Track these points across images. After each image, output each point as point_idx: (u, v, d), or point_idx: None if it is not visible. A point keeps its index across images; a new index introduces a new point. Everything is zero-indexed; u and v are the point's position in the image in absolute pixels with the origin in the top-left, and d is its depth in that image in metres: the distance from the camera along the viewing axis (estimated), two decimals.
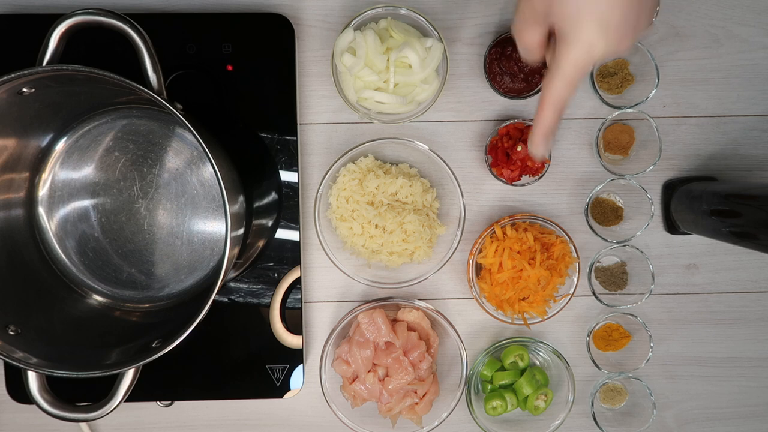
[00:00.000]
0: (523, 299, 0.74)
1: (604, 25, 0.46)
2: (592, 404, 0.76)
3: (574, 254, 0.74)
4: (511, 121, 0.73)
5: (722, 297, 0.79)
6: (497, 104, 0.76)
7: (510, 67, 0.71)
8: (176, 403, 0.77)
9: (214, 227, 0.74)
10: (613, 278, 0.77)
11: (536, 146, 0.54)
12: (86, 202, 0.73)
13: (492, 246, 0.73)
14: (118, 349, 0.66)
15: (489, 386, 0.77)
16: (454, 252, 0.73)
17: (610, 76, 0.74)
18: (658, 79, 0.71)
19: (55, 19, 0.59)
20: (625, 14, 0.46)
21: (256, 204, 0.74)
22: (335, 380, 0.76)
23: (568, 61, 0.48)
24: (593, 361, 0.76)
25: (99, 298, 0.74)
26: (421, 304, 0.75)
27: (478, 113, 0.76)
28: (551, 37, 0.52)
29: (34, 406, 0.62)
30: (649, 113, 0.73)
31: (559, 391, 0.77)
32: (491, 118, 0.76)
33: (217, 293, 0.60)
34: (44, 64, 0.59)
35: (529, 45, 0.52)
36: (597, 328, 0.76)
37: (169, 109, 0.58)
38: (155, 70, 0.60)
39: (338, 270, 0.74)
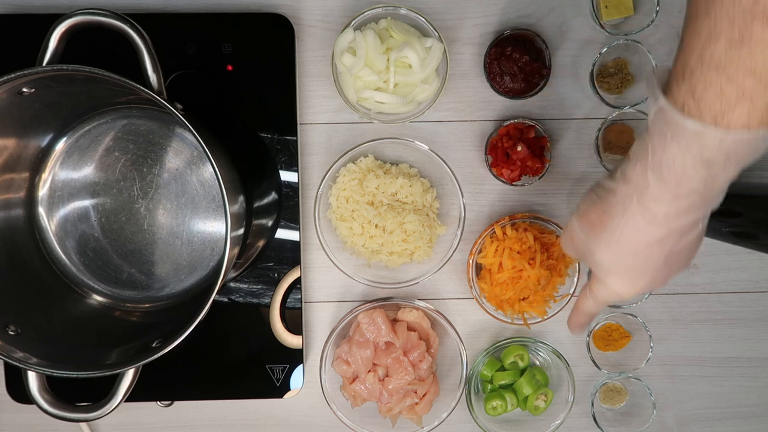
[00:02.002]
0: (523, 299, 0.74)
1: (631, 283, 0.52)
2: (592, 404, 0.76)
3: None
4: (511, 121, 0.73)
5: (722, 297, 0.79)
6: (497, 104, 0.76)
7: (510, 67, 0.71)
8: (176, 403, 0.77)
9: (214, 227, 0.74)
10: None
11: (573, 332, 0.63)
12: (86, 202, 0.73)
13: (492, 246, 0.73)
14: (118, 349, 0.66)
15: (489, 386, 0.77)
16: (454, 252, 0.73)
17: (610, 76, 0.74)
18: None
19: (55, 19, 0.59)
20: (654, 277, 0.51)
21: (256, 204, 0.74)
22: (335, 380, 0.76)
23: (599, 294, 0.54)
24: (593, 361, 0.76)
25: (99, 298, 0.74)
26: (421, 304, 0.75)
27: (478, 113, 0.76)
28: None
29: (34, 406, 0.62)
30: None
31: (559, 391, 0.77)
32: (491, 118, 0.76)
33: (217, 293, 0.60)
34: (44, 64, 0.59)
35: (569, 255, 0.59)
36: (597, 328, 0.76)
37: (169, 109, 0.58)
38: (155, 70, 0.60)
39: (338, 270, 0.74)
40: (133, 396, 0.63)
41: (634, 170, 0.46)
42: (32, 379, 0.62)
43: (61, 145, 0.72)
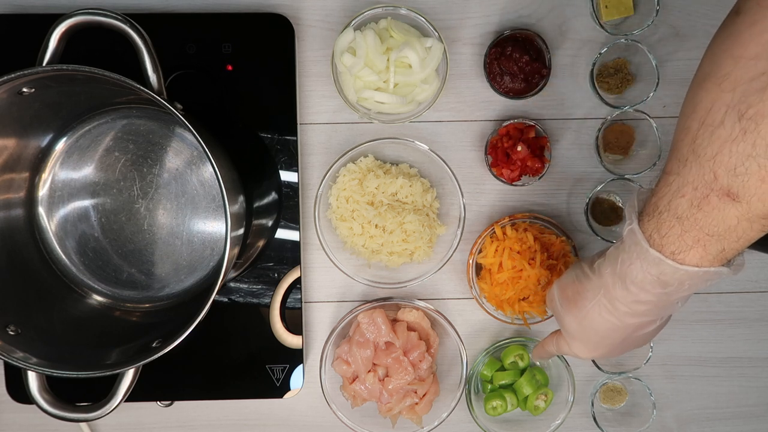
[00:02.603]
0: (523, 299, 0.74)
1: (589, 350, 0.60)
2: (592, 404, 0.76)
3: (574, 254, 0.74)
4: (511, 121, 0.73)
5: (722, 297, 0.79)
6: (497, 104, 0.76)
7: (510, 67, 0.71)
8: (176, 403, 0.77)
9: (214, 227, 0.74)
10: None
11: (533, 359, 0.74)
12: (86, 202, 0.73)
13: (492, 246, 0.73)
14: (118, 349, 0.66)
15: (489, 386, 0.77)
16: (454, 252, 0.73)
17: (610, 76, 0.74)
18: (658, 79, 0.71)
19: (55, 19, 0.59)
20: (610, 351, 0.60)
21: (256, 204, 0.74)
22: (335, 380, 0.76)
23: (562, 347, 0.64)
24: (593, 361, 0.76)
25: (99, 298, 0.74)
26: (421, 304, 0.75)
27: (478, 113, 0.76)
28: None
29: (34, 406, 0.62)
30: (649, 113, 0.73)
31: (559, 391, 0.77)
32: (491, 118, 0.76)
33: (217, 293, 0.60)
34: (44, 64, 0.59)
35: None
36: None
37: (169, 109, 0.58)
38: (155, 70, 0.60)
39: (338, 270, 0.74)
40: (133, 396, 0.63)
41: (605, 270, 0.54)
42: (32, 379, 0.62)
43: (61, 145, 0.72)
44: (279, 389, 0.75)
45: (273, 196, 0.74)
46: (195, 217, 0.73)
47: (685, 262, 0.48)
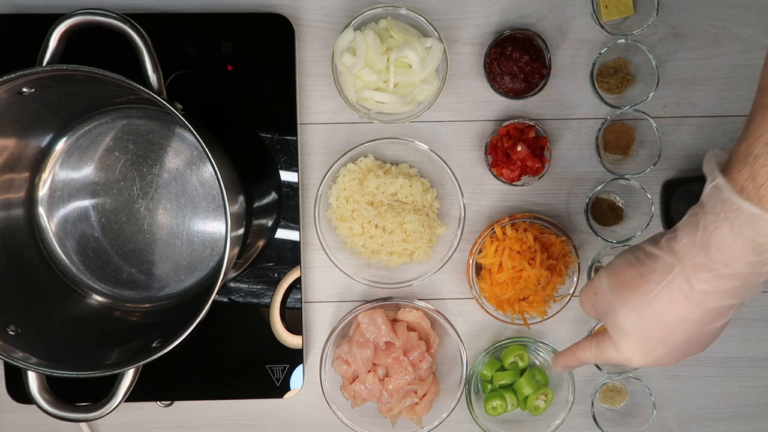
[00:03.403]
0: (523, 299, 0.74)
1: (645, 352, 0.51)
2: (592, 404, 0.76)
3: (574, 254, 0.74)
4: (511, 121, 0.73)
5: None
6: (497, 104, 0.76)
7: (510, 67, 0.71)
8: (176, 403, 0.77)
9: (214, 227, 0.74)
10: None
11: (555, 368, 0.63)
12: (86, 202, 0.73)
13: (492, 246, 0.73)
14: (118, 349, 0.66)
15: (489, 386, 0.77)
16: (454, 252, 0.73)
17: (610, 76, 0.74)
18: (658, 79, 0.71)
19: (55, 19, 0.59)
20: (669, 352, 0.51)
21: (256, 204, 0.74)
22: (335, 380, 0.76)
23: (605, 352, 0.53)
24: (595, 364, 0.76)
25: (99, 298, 0.74)
26: (421, 304, 0.75)
27: (478, 113, 0.76)
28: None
29: (34, 406, 0.62)
30: (649, 113, 0.73)
31: (559, 391, 0.77)
32: (491, 118, 0.76)
33: (217, 293, 0.60)
34: (44, 64, 0.59)
35: (585, 312, 0.57)
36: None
37: (169, 109, 0.58)
38: (155, 70, 0.60)
39: (338, 270, 0.74)
40: (133, 396, 0.63)
41: (680, 243, 0.46)
42: (32, 379, 0.62)
43: (61, 145, 0.72)
44: (279, 389, 0.75)
45: (273, 196, 0.74)
46: (195, 217, 0.73)
47: None
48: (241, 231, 0.69)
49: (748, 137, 0.43)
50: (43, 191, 0.73)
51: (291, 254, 0.74)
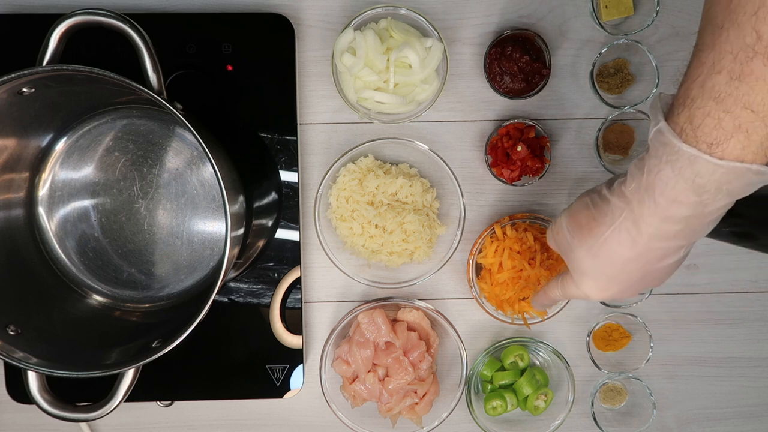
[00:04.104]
0: (523, 299, 0.74)
1: (601, 289, 0.54)
2: (592, 404, 0.76)
3: None
4: (511, 121, 0.73)
5: (722, 297, 0.79)
6: (497, 104, 0.76)
7: (510, 67, 0.71)
8: (176, 403, 0.77)
9: (214, 227, 0.74)
10: None
11: (535, 308, 0.69)
12: (86, 202, 0.73)
13: (492, 246, 0.73)
14: (118, 349, 0.66)
15: (489, 386, 0.77)
16: (454, 252, 0.73)
17: (610, 76, 0.74)
18: (658, 79, 0.71)
19: (55, 19, 0.59)
20: (623, 289, 0.53)
21: (256, 204, 0.74)
22: (335, 380, 0.76)
23: (568, 289, 0.57)
24: (593, 361, 0.76)
25: (99, 298, 0.74)
26: (421, 304, 0.75)
27: (478, 113, 0.76)
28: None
29: (34, 406, 0.62)
30: (649, 113, 0.73)
31: (559, 391, 0.77)
32: (491, 118, 0.76)
33: (217, 293, 0.60)
34: (44, 64, 0.59)
35: (552, 248, 0.61)
36: (597, 328, 0.76)
37: (169, 109, 0.58)
38: (155, 70, 0.60)
39: (338, 270, 0.74)
40: (133, 396, 0.63)
41: (629, 187, 0.48)
42: (32, 379, 0.62)
43: (61, 145, 0.72)
44: (279, 389, 0.75)
45: (273, 196, 0.74)
46: (195, 217, 0.73)
47: (725, 155, 0.41)
48: (241, 231, 0.69)
49: (686, 80, 0.44)
50: (43, 191, 0.73)
51: (291, 254, 0.74)
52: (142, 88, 0.58)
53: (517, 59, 0.71)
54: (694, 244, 0.51)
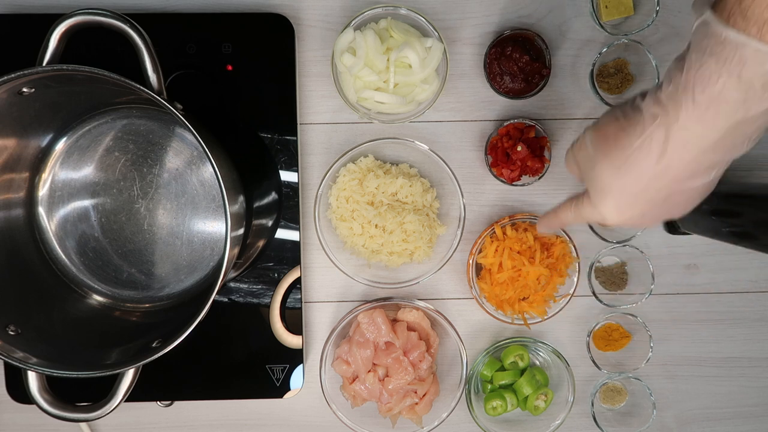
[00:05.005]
0: (523, 299, 0.74)
1: (621, 209, 0.49)
2: (592, 404, 0.76)
3: (574, 254, 0.74)
4: (511, 121, 0.73)
5: (722, 297, 0.79)
6: (497, 104, 0.76)
7: (510, 67, 0.71)
8: (176, 403, 0.77)
9: (214, 227, 0.74)
10: (613, 278, 0.77)
11: (539, 232, 0.65)
12: (86, 202, 0.73)
13: (492, 246, 0.73)
14: (118, 349, 0.66)
15: (489, 386, 0.77)
16: (454, 252, 0.73)
17: (610, 76, 0.74)
18: (658, 79, 0.71)
19: (55, 19, 0.59)
20: (644, 212, 0.49)
21: (256, 204, 0.74)
22: (335, 380, 0.76)
23: (583, 210, 0.53)
24: (593, 361, 0.76)
25: (99, 298, 0.74)
26: (421, 304, 0.75)
27: (478, 113, 0.76)
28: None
29: (34, 406, 0.62)
30: None
31: (559, 391, 0.77)
32: (491, 118, 0.76)
33: (217, 293, 0.60)
34: (44, 64, 0.59)
35: (569, 171, 0.56)
36: (597, 328, 0.76)
37: (169, 109, 0.58)
38: (155, 70, 0.60)
39: (338, 270, 0.74)
40: (133, 396, 0.63)
41: (665, 91, 0.43)
42: (32, 379, 0.62)
43: (61, 145, 0.72)
44: (279, 389, 0.75)
45: (273, 196, 0.74)
46: (195, 217, 0.73)
47: None
48: (241, 231, 0.69)
49: None
50: (43, 191, 0.73)
51: (291, 254, 0.74)
52: (142, 88, 0.58)
53: (517, 59, 0.71)
54: (725, 168, 0.46)
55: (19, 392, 0.74)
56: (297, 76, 0.73)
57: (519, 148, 0.71)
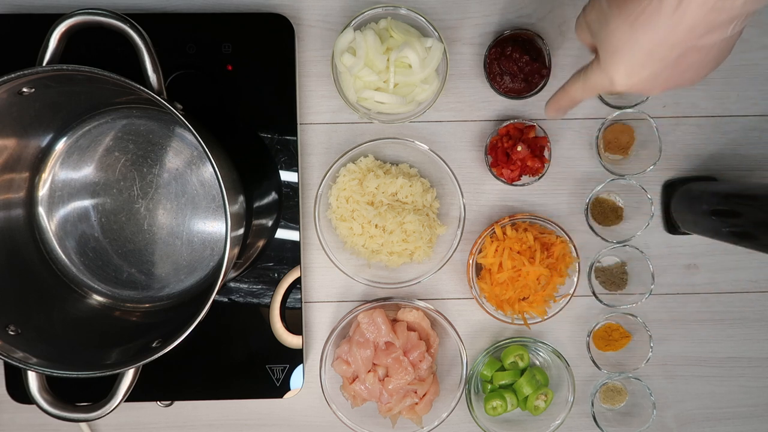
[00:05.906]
0: (523, 299, 0.74)
1: (631, 73, 0.48)
2: (592, 404, 0.76)
3: (574, 254, 0.74)
4: (511, 121, 0.73)
5: (722, 297, 0.79)
6: (497, 104, 0.76)
7: (510, 67, 0.71)
8: (176, 403, 0.77)
9: (214, 227, 0.74)
10: (613, 278, 0.77)
11: (549, 115, 0.62)
12: (86, 202, 0.73)
13: (492, 246, 0.73)
14: (118, 349, 0.66)
15: (489, 386, 0.77)
16: (454, 252, 0.73)
17: None
18: None
19: (55, 19, 0.59)
20: (656, 73, 0.48)
21: (256, 204, 0.74)
22: (335, 380, 0.76)
23: (592, 77, 0.52)
24: (593, 361, 0.76)
25: (99, 298, 0.74)
26: (421, 304, 0.75)
27: (478, 113, 0.76)
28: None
29: (34, 406, 0.62)
30: (649, 113, 0.73)
31: (559, 391, 0.77)
32: (491, 118, 0.76)
33: (217, 293, 0.60)
34: (44, 64, 0.59)
35: (579, 40, 0.55)
36: (597, 328, 0.76)
37: (169, 109, 0.58)
38: (155, 70, 0.60)
39: (338, 270, 0.74)
40: (133, 396, 0.63)
41: None
42: (32, 379, 0.62)
43: (61, 145, 0.72)
44: (279, 389, 0.75)
45: (273, 196, 0.74)
46: (195, 217, 0.73)
47: None
48: (241, 231, 0.69)
49: None
50: (43, 191, 0.73)
51: (291, 254, 0.74)
52: (142, 88, 0.58)
53: (517, 59, 0.71)
54: (744, 24, 0.44)
55: (19, 392, 0.74)
56: (297, 76, 0.73)
57: (519, 148, 0.71)
